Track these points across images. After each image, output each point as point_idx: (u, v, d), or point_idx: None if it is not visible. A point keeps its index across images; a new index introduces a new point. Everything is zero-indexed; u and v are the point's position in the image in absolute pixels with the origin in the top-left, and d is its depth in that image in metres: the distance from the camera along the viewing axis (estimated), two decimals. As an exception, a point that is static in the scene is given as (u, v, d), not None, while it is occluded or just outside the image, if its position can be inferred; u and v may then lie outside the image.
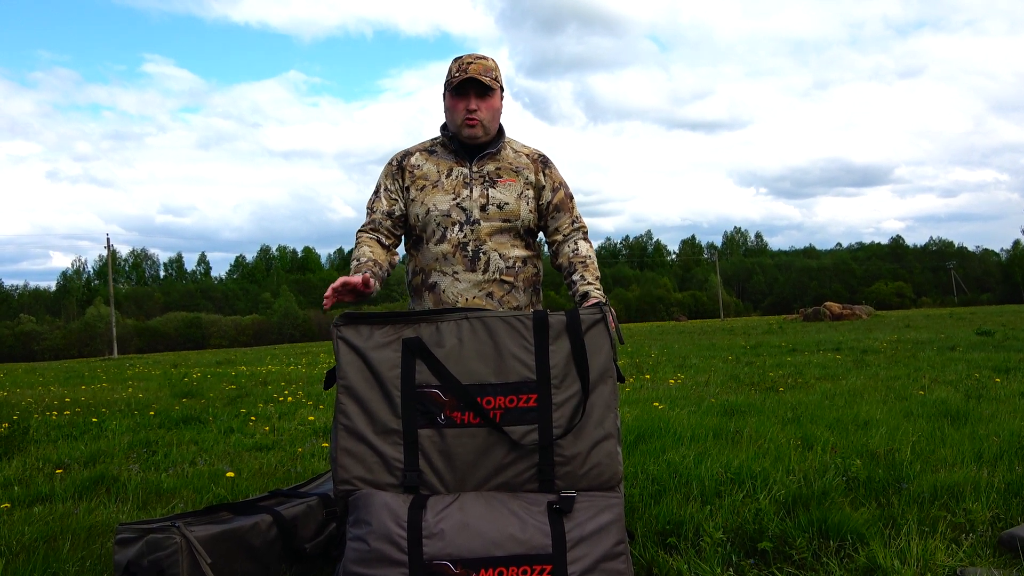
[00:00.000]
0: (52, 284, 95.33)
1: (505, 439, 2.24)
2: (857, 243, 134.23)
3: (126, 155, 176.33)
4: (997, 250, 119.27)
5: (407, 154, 2.72)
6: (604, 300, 2.53)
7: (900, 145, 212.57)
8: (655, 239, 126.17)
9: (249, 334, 74.24)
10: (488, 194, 2.62)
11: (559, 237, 2.73)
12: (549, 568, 2.10)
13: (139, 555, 2.31)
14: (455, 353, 2.30)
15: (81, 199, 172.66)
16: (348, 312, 2.39)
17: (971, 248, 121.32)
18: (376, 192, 2.71)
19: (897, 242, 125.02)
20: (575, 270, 2.66)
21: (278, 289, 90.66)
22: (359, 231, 2.69)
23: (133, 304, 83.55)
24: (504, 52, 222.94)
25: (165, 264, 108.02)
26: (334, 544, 2.64)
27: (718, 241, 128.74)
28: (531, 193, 2.68)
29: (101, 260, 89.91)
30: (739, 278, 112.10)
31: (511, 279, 2.66)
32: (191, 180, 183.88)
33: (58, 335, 68.96)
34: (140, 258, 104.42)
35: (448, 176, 2.65)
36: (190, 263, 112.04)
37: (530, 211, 2.68)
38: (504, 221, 2.64)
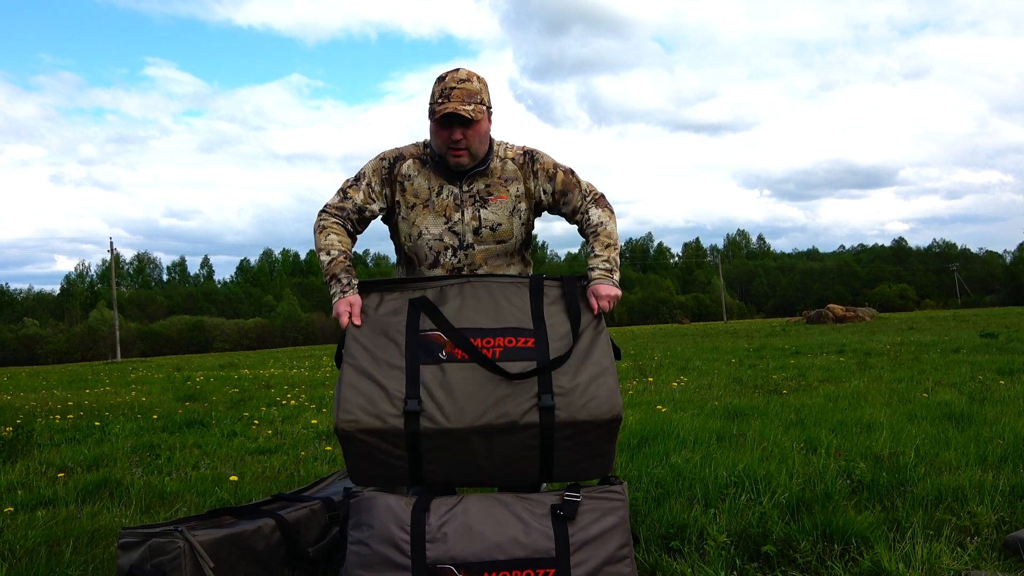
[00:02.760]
0: (56, 288, 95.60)
1: (504, 373, 2.25)
2: (859, 245, 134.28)
3: (130, 158, 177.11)
4: (1000, 252, 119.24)
5: (400, 158, 2.57)
6: (612, 271, 2.49)
7: (904, 147, 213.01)
8: (657, 241, 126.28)
9: (252, 337, 74.33)
10: (480, 216, 2.54)
11: (578, 216, 2.63)
12: (552, 572, 2.09)
13: (142, 559, 2.31)
14: (456, 307, 2.38)
15: (85, 202, 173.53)
16: (362, 281, 2.45)
17: (974, 250, 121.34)
18: (357, 180, 2.57)
19: (900, 244, 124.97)
20: (588, 241, 2.58)
21: (281, 292, 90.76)
22: (324, 211, 2.56)
23: (136, 307, 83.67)
24: (508, 54, 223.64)
25: (168, 267, 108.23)
26: (337, 548, 2.64)
27: (721, 243, 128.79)
28: (523, 205, 2.59)
29: (105, 263, 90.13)
30: (742, 280, 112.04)
31: None
32: (195, 183, 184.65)
33: (61, 339, 69.09)
34: (143, 261, 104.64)
35: (439, 195, 2.54)
36: (193, 266, 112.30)
37: (522, 224, 2.61)
38: (498, 243, 2.58)
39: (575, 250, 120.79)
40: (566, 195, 2.61)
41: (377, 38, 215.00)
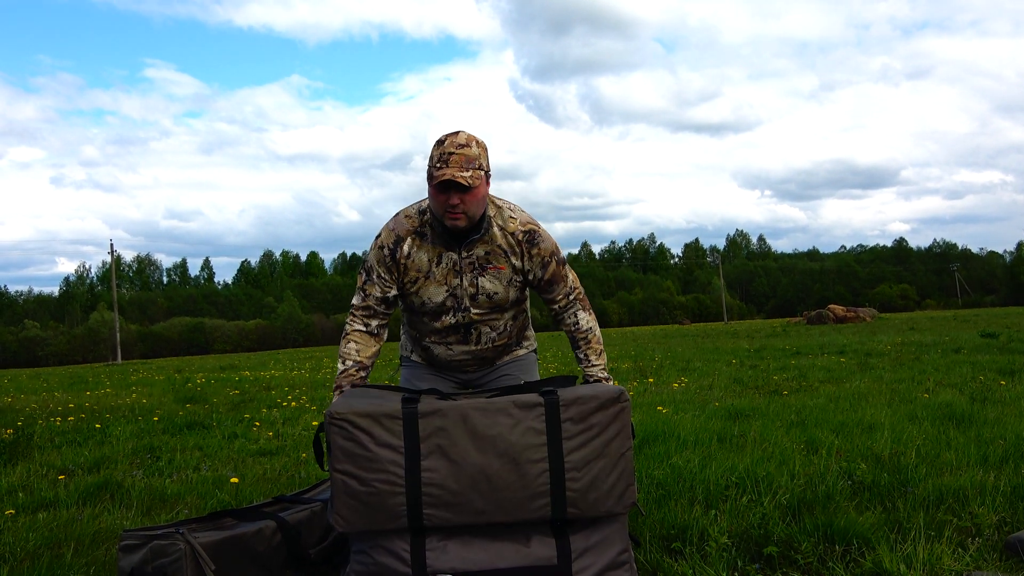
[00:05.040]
0: (56, 290, 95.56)
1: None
2: (860, 245, 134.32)
3: (130, 160, 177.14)
4: (1001, 252, 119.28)
5: (399, 241, 2.61)
6: (609, 379, 2.69)
7: (906, 147, 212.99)
8: (658, 242, 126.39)
9: (253, 339, 74.44)
10: (478, 283, 2.61)
11: (556, 307, 2.74)
12: (554, 579, 2.08)
13: (143, 561, 2.31)
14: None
15: (85, 204, 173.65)
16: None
17: (975, 250, 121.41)
18: (368, 275, 2.65)
19: (901, 244, 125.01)
20: (579, 347, 2.73)
21: (282, 294, 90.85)
22: (351, 313, 2.67)
23: (137, 309, 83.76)
24: (509, 55, 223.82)
25: (169, 269, 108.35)
26: (338, 550, 2.64)
27: (722, 244, 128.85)
28: (519, 277, 2.67)
29: (105, 265, 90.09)
30: (742, 281, 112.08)
31: (504, 341, 2.76)
32: (195, 185, 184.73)
33: (62, 340, 69.15)
34: (144, 263, 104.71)
35: (439, 264, 2.60)
36: (194, 268, 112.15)
37: (517, 291, 2.69)
38: (492, 308, 2.67)
39: (575, 250, 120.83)
40: (552, 285, 2.71)
41: (378, 39, 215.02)
